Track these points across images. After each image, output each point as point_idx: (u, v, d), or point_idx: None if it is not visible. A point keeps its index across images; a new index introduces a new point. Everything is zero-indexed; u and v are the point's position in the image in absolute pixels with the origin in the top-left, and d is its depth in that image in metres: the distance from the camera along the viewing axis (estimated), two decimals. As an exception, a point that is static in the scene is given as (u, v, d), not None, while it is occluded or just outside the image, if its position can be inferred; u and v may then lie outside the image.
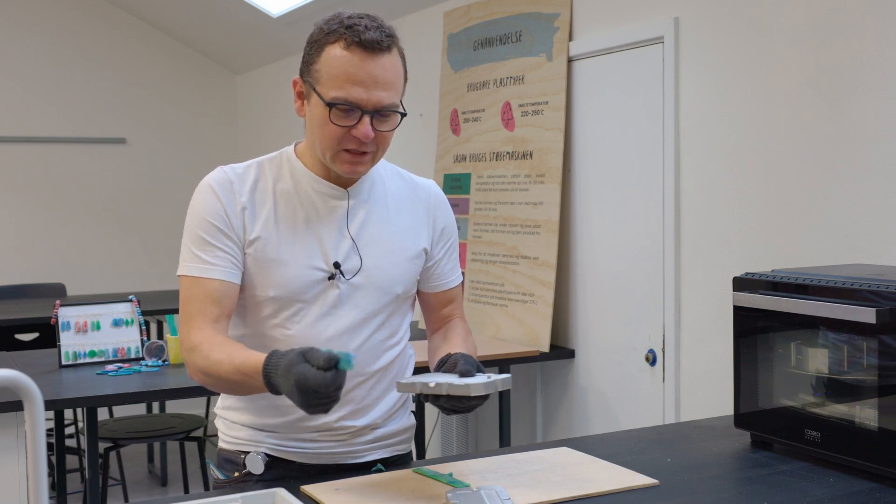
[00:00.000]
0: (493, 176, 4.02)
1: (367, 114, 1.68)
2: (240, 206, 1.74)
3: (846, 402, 1.85)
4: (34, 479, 1.08)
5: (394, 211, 1.84)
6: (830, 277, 1.89)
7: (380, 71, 1.68)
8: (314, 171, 1.78)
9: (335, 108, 1.67)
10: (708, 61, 3.08)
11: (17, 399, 1.71)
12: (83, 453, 4.58)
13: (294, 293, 1.74)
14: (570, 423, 3.77)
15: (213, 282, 1.70)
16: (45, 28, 6.32)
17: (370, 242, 1.79)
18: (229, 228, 1.72)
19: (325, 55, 1.68)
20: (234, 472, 1.83)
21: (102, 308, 3.53)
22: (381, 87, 1.68)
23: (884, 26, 2.52)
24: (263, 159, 1.82)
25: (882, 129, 2.53)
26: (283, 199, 1.77)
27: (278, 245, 1.74)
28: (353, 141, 1.69)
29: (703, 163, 3.10)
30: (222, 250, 1.72)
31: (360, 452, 1.84)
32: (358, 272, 1.77)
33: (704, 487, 1.74)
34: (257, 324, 1.77)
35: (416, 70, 4.74)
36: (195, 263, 1.72)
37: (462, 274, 2.01)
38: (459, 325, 1.94)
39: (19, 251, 6.27)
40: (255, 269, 1.74)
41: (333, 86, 1.67)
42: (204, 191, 1.75)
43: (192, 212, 1.75)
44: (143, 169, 6.63)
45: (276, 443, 1.80)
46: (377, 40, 1.67)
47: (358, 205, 1.80)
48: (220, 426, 1.87)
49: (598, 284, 3.61)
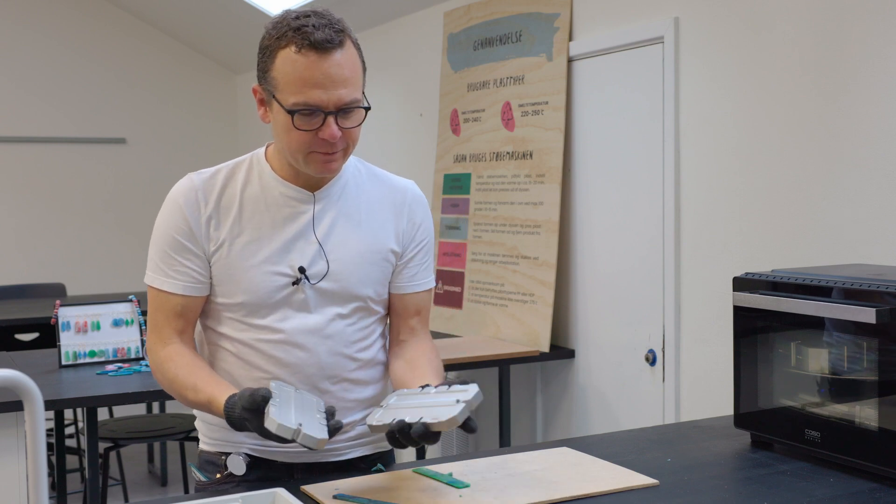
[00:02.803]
0: (493, 176, 4.02)
1: (331, 114, 1.67)
2: (205, 217, 1.75)
3: (846, 402, 1.85)
4: (34, 479, 1.08)
5: (366, 213, 1.82)
6: (830, 277, 1.89)
7: (336, 69, 1.65)
8: (282, 175, 1.78)
9: (297, 114, 1.66)
10: (708, 61, 3.08)
11: (17, 399, 1.71)
12: (83, 453, 4.57)
13: (260, 298, 1.75)
14: (570, 423, 3.77)
15: (177, 297, 1.75)
16: (45, 28, 6.31)
17: (338, 245, 1.78)
18: (194, 243, 1.74)
19: (279, 61, 1.66)
20: (215, 474, 1.82)
21: (102, 308, 3.53)
22: (340, 85, 1.66)
23: (884, 26, 2.52)
24: (233, 163, 1.81)
25: (882, 128, 2.53)
26: (250, 204, 1.77)
27: (243, 251, 1.75)
28: (321, 143, 1.68)
29: (703, 162, 3.10)
30: (185, 266, 1.75)
31: (342, 450, 1.85)
32: (324, 276, 1.76)
33: (704, 487, 1.74)
34: (226, 326, 1.79)
35: (416, 70, 4.76)
36: (160, 276, 1.76)
37: (436, 282, 1.96)
38: (423, 348, 1.88)
39: (19, 251, 6.26)
40: (222, 275, 1.76)
41: (292, 91, 1.66)
42: (170, 205, 1.77)
43: (158, 224, 1.78)
44: (143, 169, 6.62)
45: (257, 443, 1.80)
46: (328, 39, 1.64)
47: (327, 208, 1.79)
48: (201, 427, 1.87)
49: (598, 284, 3.61)
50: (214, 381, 1.70)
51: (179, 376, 1.73)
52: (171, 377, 1.74)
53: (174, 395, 1.77)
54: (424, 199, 1.93)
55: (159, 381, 1.79)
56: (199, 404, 1.71)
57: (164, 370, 1.75)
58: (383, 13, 4.87)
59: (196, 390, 1.69)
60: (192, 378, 1.71)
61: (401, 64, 4.89)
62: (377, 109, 5.89)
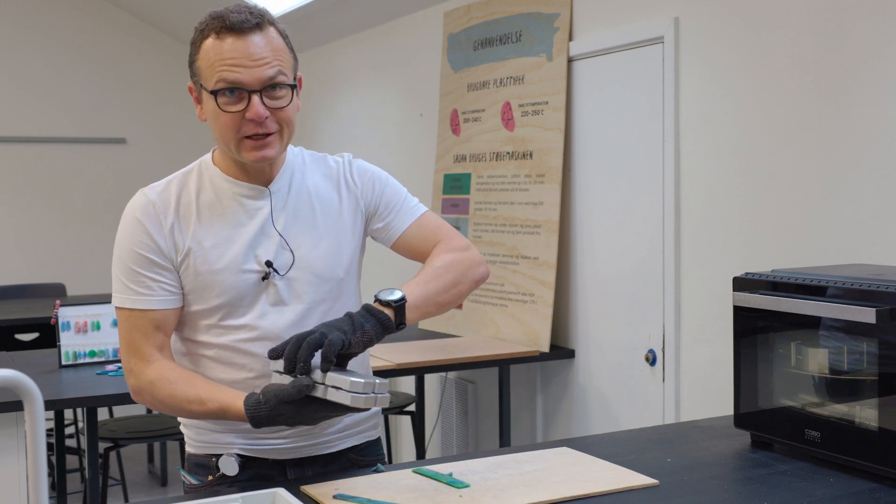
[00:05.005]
0: (493, 176, 4.02)
1: (254, 93, 1.68)
2: (167, 228, 1.74)
3: (846, 402, 1.85)
4: (34, 479, 1.08)
5: (316, 198, 1.83)
6: (830, 277, 1.89)
7: (253, 48, 1.68)
8: (231, 175, 1.79)
9: (220, 94, 1.68)
10: (708, 61, 3.08)
11: (17, 399, 1.71)
12: (83, 453, 4.58)
13: (235, 298, 1.75)
14: (570, 423, 3.77)
15: (151, 312, 1.74)
16: (45, 28, 6.32)
17: (298, 234, 1.79)
18: (160, 256, 1.74)
19: (202, 50, 1.71)
20: (207, 476, 1.82)
21: (102, 308, 3.53)
22: (260, 63, 1.68)
23: (884, 26, 2.52)
24: (182, 172, 1.82)
25: (882, 128, 2.53)
26: (207, 209, 1.77)
27: (208, 255, 1.74)
28: (250, 125, 1.69)
29: (704, 162, 3.10)
30: (155, 280, 1.74)
31: (331, 442, 1.85)
32: (292, 266, 1.77)
33: (704, 487, 1.74)
34: (204, 334, 1.78)
35: (416, 70, 4.76)
36: (130, 295, 1.74)
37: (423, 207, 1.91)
38: (434, 256, 1.83)
39: (19, 251, 6.27)
40: (193, 283, 1.75)
41: (213, 74, 1.69)
42: (128, 222, 1.76)
43: (119, 244, 1.77)
44: (143, 169, 6.62)
45: (247, 443, 1.80)
46: (243, 20, 1.68)
47: (280, 200, 1.79)
48: (188, 432, 1.87)
49: (598, 284, 3.61)
50: (218, 388, 1.70)
51: (177, 392, 1.70)
52: (167, 395, 1.71)
53: (171, 412, 1.75)
54: (360, 161, 1.91)
55: (147, 402, 1.76)
56: (208, 414, 1.70)
57: (155, 390, 1.72)
58: (383, 13, 4.87)
59: (202, 402, 1.68)
60: (192, 391, 1.70)
61: (401, 64, 4.89)
62: (377, 109, 5.89)
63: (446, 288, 1.78)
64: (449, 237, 1.88)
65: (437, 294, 1.76)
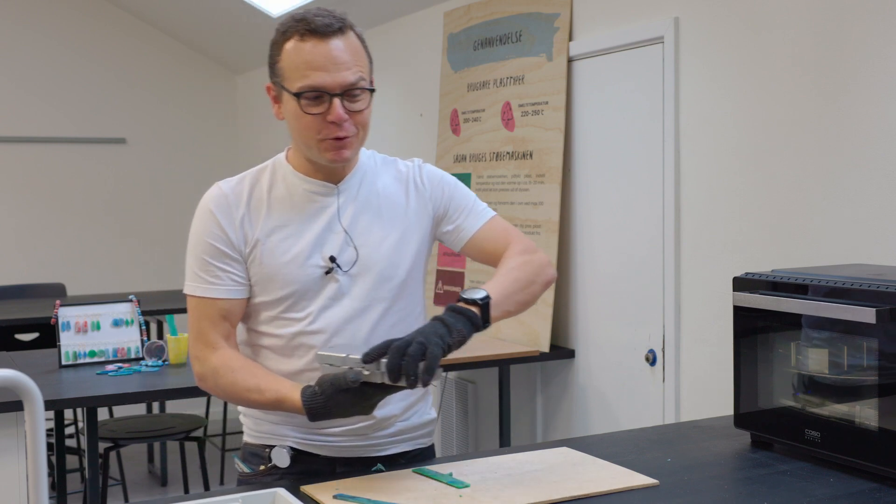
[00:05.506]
0: (493, 176, 4.02)
1: (336, 96, 1.73)
2: (238, 220, 1.80)
3: (846, 402, 1.85)
4: (34, 479, 1.08)
5: (384, 199, 1.87)
6: (830, 277, 1.89)
7: (337, 52, 1.72)
8: (303, 172, 1.84)
9: (303, 97, 1.72)
10: (708, 61, 3.08)
11: (17, 399, 1.71)
12: (83, 453, 4.58)
13: (298, 291, 1.79)
14: (570, 423, 3.77)
15: (220, 301, 1.79)
16: (45, 28, 6.31)
17: (364, 232, 1.83)
18: (229, 247, 1.79)
19: (285, 52, 1.75)
20: (259, 466, 1.87)
21: (102, 308, 3.53)
22: (342, 67, 1.73)
23: (884, 26, 2.52)
24: (256, 170, 1.87)
25: (882, 128, 2.53)
26: (278, 204, 1.82)
27: (276, 248, 1.79)
28: (330, 127, 1.74)
29: (704, 163, 3.10)
30: (225, 270, 1.79)
31: (382, 446, 1.87)
32: (355, 263, 1.81)
33: (704, 487, 1.74)
34: (266, 325, 1.83)
35: (416, 70, 4.76)
36: (200, 284, 1.80)
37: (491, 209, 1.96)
38: (507, 257, 1.88)
39: (19, 251, 6.27)
40: (260, 274, 1.80)
41: (297, 77, 1.73)
42: (202, 213, 1.82)
43: (193, 234, 1.82)
44: (143, 169, 6.63)
45: (301, 436, 1.83)
46: (327, 24, 1.72)
47: (349, 198, 1.84)
48: (246, 421, 1.91)
49: (598, 284, 3.61)
50: (276, 379, 1.75)
51: (238, 381, 1.76)
52: (229, 382, 1.77)
53: (230, 399, 1.81)
54: (429, 165, 1.96)
55: (210, 388, 1.81)
56: (266, 404, 1.74)
57: (219, 377, 1.78)
58: (383, 13, 4.87)
59: (261, 391, 1.73)
60: (253, 380, 1.75)
61: (401, 64, 4.89)
62: (377, 109, 5.87)
63: (522, 287, 1.85)
64: (518, 240, 1.93)
65: (516, 293, 1.83)
